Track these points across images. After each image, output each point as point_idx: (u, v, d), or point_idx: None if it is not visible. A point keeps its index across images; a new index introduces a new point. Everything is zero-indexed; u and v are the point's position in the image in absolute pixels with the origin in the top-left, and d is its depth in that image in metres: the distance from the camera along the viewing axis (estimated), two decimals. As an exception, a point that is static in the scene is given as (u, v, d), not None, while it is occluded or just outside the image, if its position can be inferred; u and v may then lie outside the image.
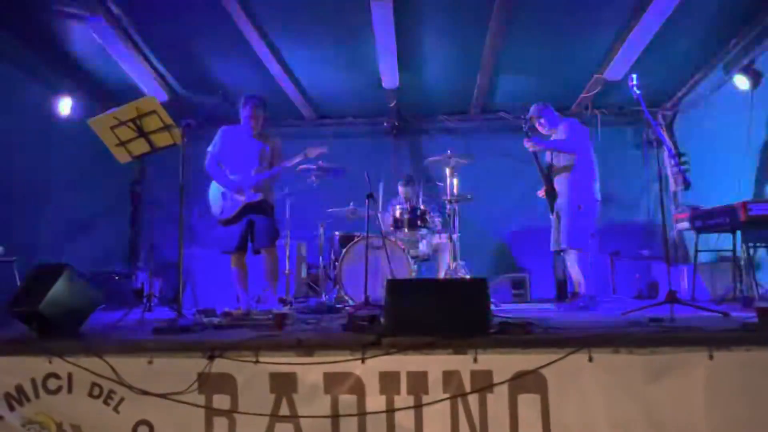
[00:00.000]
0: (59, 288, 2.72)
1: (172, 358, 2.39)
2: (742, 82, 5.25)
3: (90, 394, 2.38)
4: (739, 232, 4.63)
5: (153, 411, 2.35)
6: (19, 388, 2.41)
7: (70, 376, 2.40)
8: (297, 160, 4.32)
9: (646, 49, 5.30)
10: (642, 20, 4.92)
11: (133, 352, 2.41)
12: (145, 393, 2.34)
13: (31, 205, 5.33)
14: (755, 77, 5.15)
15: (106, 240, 6.73)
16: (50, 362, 2.41)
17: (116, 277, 5.67)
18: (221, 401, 2.34)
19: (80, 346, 2.47)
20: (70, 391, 2.40)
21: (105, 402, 2.37)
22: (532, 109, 4.72)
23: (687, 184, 5.74)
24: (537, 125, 4.71)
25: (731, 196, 5.00)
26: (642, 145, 3.82)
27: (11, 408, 2.40)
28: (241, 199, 4.17)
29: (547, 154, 4.71)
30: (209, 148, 4.36)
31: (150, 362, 2.38)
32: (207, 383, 2.34)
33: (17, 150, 5.10)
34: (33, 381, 2.41)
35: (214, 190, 4.31)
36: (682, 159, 5.58)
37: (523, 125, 4.69)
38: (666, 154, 5.99)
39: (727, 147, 5.63)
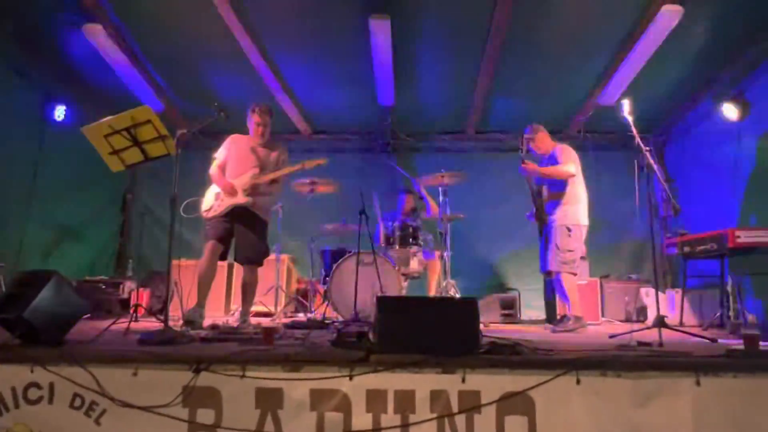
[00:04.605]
0: (46, 295, 2.67)
1: (157, 370, 2.35)
2: (731, 111, 5.35)
3: (71, 405, 2.32)
4: (727, 259, 4.68)
5: (135, 424, 2.29)
6: (-1, 397, 2.36)
7: (51, 386, 2.34)
8: (294, 169, 4.34)
9: (638, 76, 5.40)
10: (634, 48, 5.02)
11: (118, 363, 2.37)
12: (128, 405, 2.30)
13: (19, 210, 5.26)
14: (744, 107, 5.24)
15: (94, 248, 6.66)
16: (32, 371, 2.36)
17: (103, 286, 5.60)
18: (205, 415, 2.29)
19: (64, 355, 2.41)
20: (50, 401, 2.34)
21: (86, 414, 2.32)
22: (527, 130, 4.77)
23: (676, 210, 5.79)
24: (530, 145, 4.75)
25: (719, 222, 5.06)
26: (633, 170, 3.83)
27: (-11, 417, 2.35)
28: (231, 201, 4.16)
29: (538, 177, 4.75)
30: (215, 154, 4.41)
31: (134, 374, 2.34)
32: (191, 396, 2.30)
33: (7, 154, 5.04)
34: (13, 390, 2.35)
35: (210, 191, 4.33)
36: (672, 185, 5.65)
37: (520, 150, 4.71)
38: (656, 179, 6.05)
39: (716, 174, 5.71)
